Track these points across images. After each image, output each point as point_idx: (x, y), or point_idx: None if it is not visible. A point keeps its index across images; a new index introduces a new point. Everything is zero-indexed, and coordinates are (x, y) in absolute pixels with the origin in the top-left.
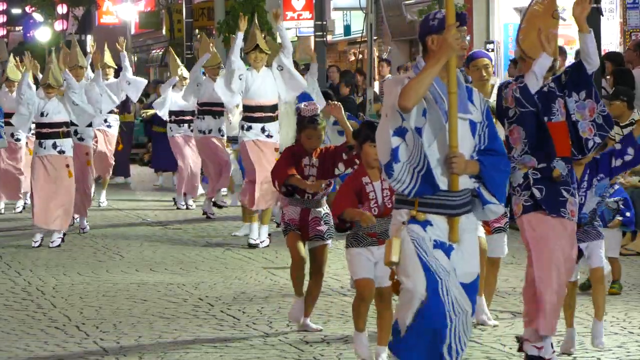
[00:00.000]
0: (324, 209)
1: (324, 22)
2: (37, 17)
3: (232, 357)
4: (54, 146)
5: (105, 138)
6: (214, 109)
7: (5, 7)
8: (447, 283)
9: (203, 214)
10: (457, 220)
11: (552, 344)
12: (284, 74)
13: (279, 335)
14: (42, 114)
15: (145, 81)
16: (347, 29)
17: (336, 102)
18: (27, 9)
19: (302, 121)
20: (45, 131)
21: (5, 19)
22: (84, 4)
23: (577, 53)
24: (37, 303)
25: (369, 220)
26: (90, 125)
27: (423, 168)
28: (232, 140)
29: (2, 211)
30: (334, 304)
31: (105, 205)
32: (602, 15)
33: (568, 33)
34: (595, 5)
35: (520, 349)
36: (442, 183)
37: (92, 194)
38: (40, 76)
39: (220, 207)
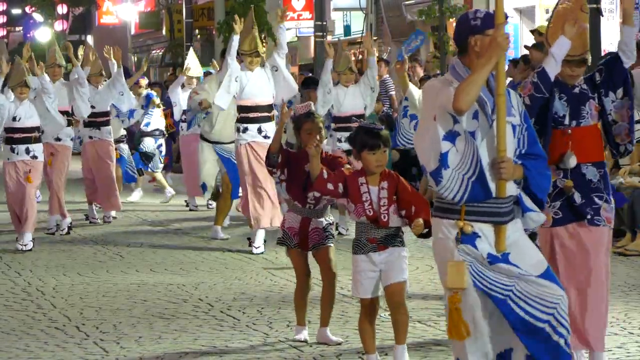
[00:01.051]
0: (326, 219)
1: (324, 23)
2: (37, 17)
3: (232, 357)
4: (27, 151)
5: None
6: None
7: (5, 7)
8: (518, 290)
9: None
10: (504, 229)
11: None
12: (278, 76)
13: (279, 335)
14: (14, 119)
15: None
16: (347, 29)
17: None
18: (27, 9)
19: (299, 119)
20: (18, 136)
21: (5, 20)
22: (84, 4)
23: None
24: (37, 303)
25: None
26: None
27: (474, 174)
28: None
29: None
30: (336, 303)
31: None
32: (602, 16)
33: None
34: (595, 6)
35: None
36: (491, 189)
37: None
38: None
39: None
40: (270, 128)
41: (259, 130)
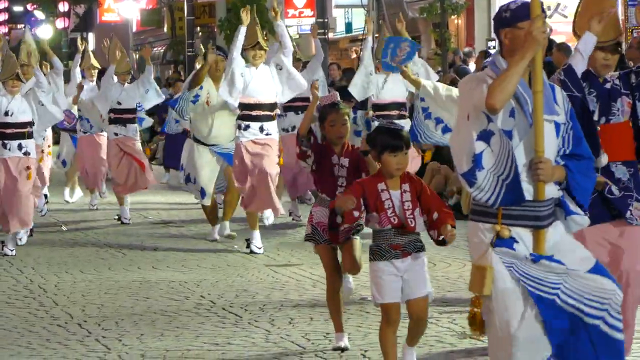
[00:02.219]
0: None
1: (326, 20)
2: (39, 14)
3: (234, 354)
4: (19, 147)
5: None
6: (295, 103)
7: (7, 4)
8: (567, 288)
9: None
10: (543, 233)
11: None
12: (282, 74)
13: (281, 333)
14: (6, 113)
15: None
16: (348, 27)
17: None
18: (29, 6)
19: (324, 110)
20: (10, 131)
21: (7, 17)
22: (86, 1)
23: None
24: (39, 301)
25: (349, 201)
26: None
27: (509, 176)
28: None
29: None
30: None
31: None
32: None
33: (569, 30)
34: None
35: None
36: (528, 192)
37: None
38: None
39: None
40: (272, 127)
41: (261, 129)
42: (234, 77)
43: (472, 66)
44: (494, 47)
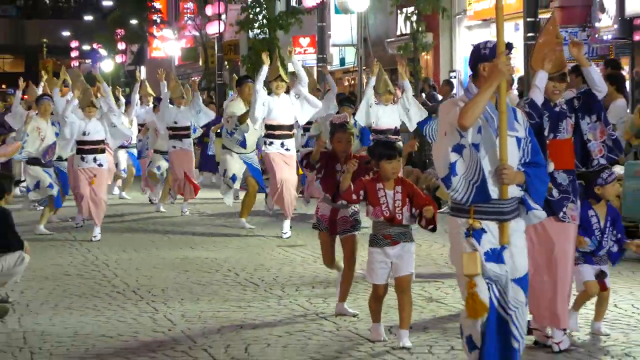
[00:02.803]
0: (352, 208)
1: (324, 56)
2: (102, 52)
3: (254, 315)
4: (94, 160)
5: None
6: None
7: (77, 44)
8: (499, 286)
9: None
10: (506, 225)
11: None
12: (302, 101)
13: (290, 297)
14: (84, 133)
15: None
16: (342, 61)
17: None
18: (95, 45)
19: (334, 127)
20: (87, 148)
21: (77, 54)
22: (139, 42)
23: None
24: (103, 273)
25: (352, 165)
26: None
27: (478, 180)
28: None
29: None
30: (331, 274)
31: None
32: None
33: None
34: (535, 42)
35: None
36: (494, 192)
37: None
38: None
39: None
40: (290, 143)
41: (282, 145)
42: (255, 105)
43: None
44: (454, 77)
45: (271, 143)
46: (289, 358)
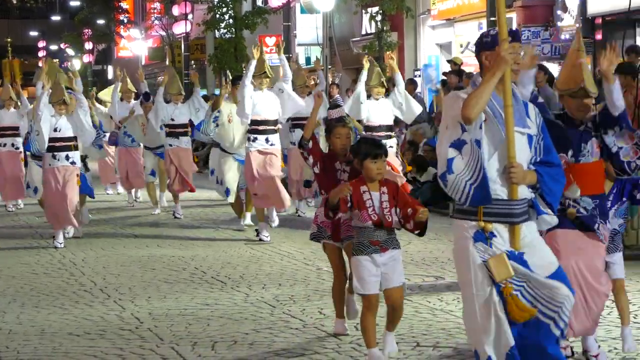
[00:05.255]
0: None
1: (290, 55)
2: (70, 51)
3: (221, 312)
4: (67, 158)
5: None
6: (303, 122)
7: (45, 44)
8: (529, 287)
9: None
10: (518, 229)
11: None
12: (284, 96)
13: (257, 295)
14: (55, 129)
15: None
16: (307, 60)
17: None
18: (62, 45)
19: (331, 123)
20: (59, 145)
21: (45, 53)
22: (106, 41)
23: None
24: (70, 272)
25: (346, 190)
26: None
27: (477, 180)
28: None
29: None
30: (298, 272)
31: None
32: None
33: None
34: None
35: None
36: (503, 192)
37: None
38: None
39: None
40: (275, 138)
41: (266, 140)
42: (243, 100)
43: None
44: (419, 76)
45: (255, 139)
46: (256, 355)
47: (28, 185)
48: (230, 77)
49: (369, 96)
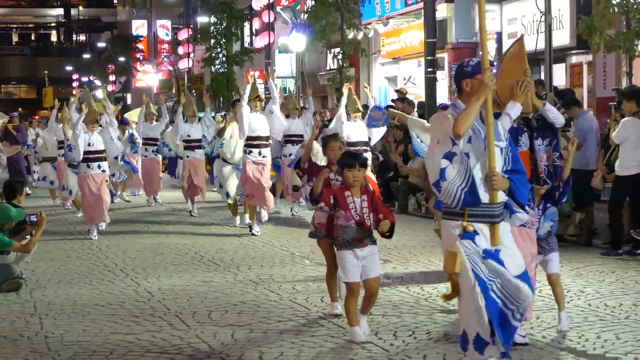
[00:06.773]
0: None
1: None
2: (97, 82)
3: (215, 288)
4: (99, 167)
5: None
6: (292, 138)
7: (77, 76)
8: (499, 283)
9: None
10: (497, 227)
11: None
12: (273, 117)
13: (243, 274)
14: (89, 144)
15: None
16: (285, 90)
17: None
18: (91, 77)
19: (326, 139)
20: (92, 157)
21: (77, 84)
22: (126, 74)
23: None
24: (97, 256)
25: (325, 172)
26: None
27: (467, 185)
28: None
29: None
30: (276, 256)
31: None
32: (437, 82)
33: (419, 92)
34: (433, 76)
35: None
36: (485, 197)
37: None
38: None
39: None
40: (266, 151)
41: (259, 153)
42: (242, 119)
43: None
44: (374, 104)
45: (250, 152)
46: (243, 321)
47: (64, 188)
48: (232, 100)
49: (348, 118)
